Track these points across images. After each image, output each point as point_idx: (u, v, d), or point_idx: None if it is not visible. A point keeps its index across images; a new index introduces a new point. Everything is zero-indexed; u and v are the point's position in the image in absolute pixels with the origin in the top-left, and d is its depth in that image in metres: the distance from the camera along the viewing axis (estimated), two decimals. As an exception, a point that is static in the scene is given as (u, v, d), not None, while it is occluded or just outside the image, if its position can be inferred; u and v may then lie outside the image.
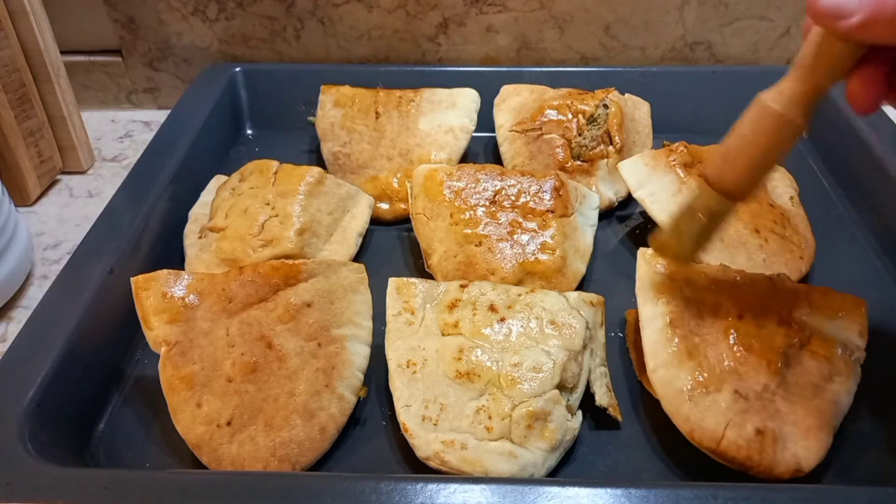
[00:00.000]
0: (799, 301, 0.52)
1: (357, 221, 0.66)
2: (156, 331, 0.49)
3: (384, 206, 0.70)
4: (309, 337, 0.51)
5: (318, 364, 0.50)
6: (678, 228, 0.48)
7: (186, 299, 0.51)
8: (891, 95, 0.38)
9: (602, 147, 0.71)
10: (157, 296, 0.50)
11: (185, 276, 0.52)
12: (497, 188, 0.63)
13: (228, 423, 0.47)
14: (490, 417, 0.46)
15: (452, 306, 0.52)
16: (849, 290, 0.54)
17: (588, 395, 0.50)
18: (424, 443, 0.46)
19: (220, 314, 0.51)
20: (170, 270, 0.52)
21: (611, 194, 0.71)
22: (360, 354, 0.52)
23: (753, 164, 0.42)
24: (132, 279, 0.51)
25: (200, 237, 0.63)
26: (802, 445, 0.45)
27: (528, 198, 0.63)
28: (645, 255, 0.53)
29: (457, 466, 0.45)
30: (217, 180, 0.71)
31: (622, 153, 0.71)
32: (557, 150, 0.71)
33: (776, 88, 0.40)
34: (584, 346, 0.50)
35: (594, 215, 0.65)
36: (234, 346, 0.49)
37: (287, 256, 0.59)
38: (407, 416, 0.47)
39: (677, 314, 0.49)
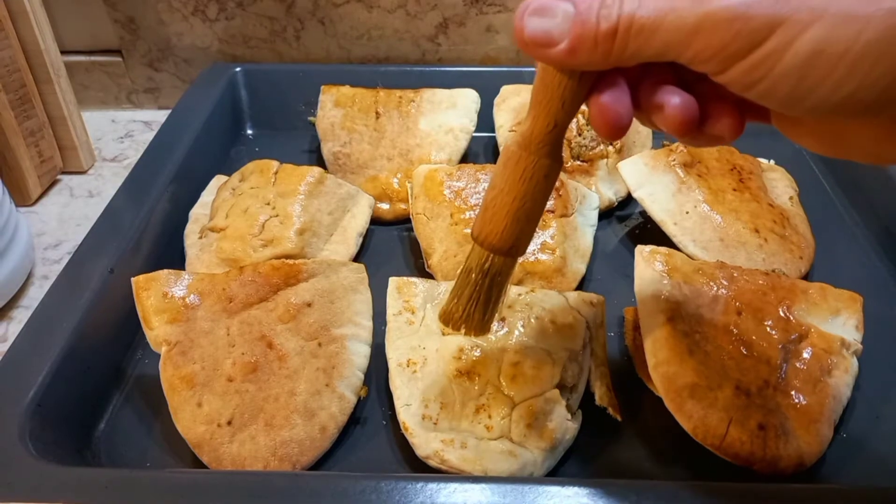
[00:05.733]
0: (796, 296, 0.53)
1: (357, 221, 0.66)
2: (156, 330, 0.49)
3: (384, 206, 0.70)
4: (309, 336, 0.51)
5: (318, 363, 0.50)
6: (459, 295, 0.42)
7: (187, 299, 0.51)
8: (640, 115, 0.34)
9: (602, 147, 0.71)
10: (157, 296, 0.51)
11: (186, 276, 0.52)
12: (497, 188, 0.63)
13: (229, 423, 0.47)
14: (490, 416, 0.46)
15: (452, 306, 0.52)
16: (848, 289, 0.54)
17: (588, 395, 0.50)
18: (424, 441, 0.46)
19: (220, 314, 0.51)
20: (170, 270, 0.52)
21: (610, 194, 0.71)
22: (360, 354, 0.52)
23: (513, 214, 0.37)
24: (133, 279, 0.51)
25: (201, 237, 0.63)
26: (804, 440, 0.46)
27: (528, 198, 0.63)
28: (643, 253, 0.53)
29: (456, 465, 0.45)
30: (217, 180, 0.71)
31: (622, 153, 0.71)
32: (557, 150, 0.71)
33: (518, 130, 0.36)
34: (584, 346, 0.50)
35: (594, 215, 0.66)
36: (235, 345, 0.50)
37: (287, 256, 0.59)
38: (407, 415, 0.47)
39: (677, 311, 0.49)
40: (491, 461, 0.45)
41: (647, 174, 0.65)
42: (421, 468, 0.47)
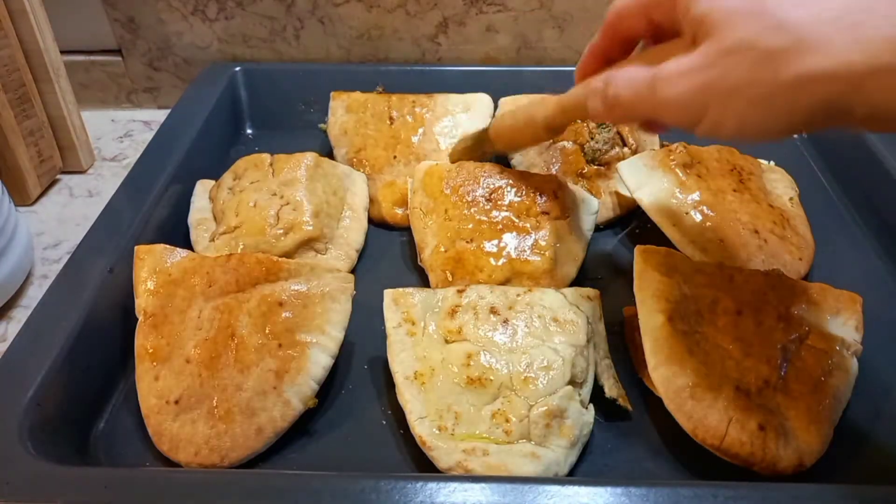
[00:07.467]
0: (796, 297, 0.52)
1: (360, 197, 0.68)
2: (140, 299, 0.52)
3: (400, 211, 0.70)
4: (273, 336, 0.50)
5: (272, 364, 0.49)
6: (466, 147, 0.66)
7: (172, 275, 0.53)
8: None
9: (617, 149, 0.71)
10: (149, 267, 0.53)
11: (179, 253, 0.54)
12: (495, 186, 0.63)
13: (177, 402, 0.48)
14: (507, 420, 0.46)
15: (453, 313, 0.51)
16: (849, 289, 0.54)
17: (594, 390, 0.50)
18: (445, 454, 0.45)
19: (198, 296, 0.52)
20: (167, 246, 0.54)
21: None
22: (319, 364, 0.50)
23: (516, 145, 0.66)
24: (136, 246, 0.54)
25: (212, 241, 0.62)
26: (804, 440, 0.46)
27: (525, 198, 0.62)
28: (642, 253, 0.53)
29: (481, 474, 0.44)
30: (203, 185, 0.70)
31: (637, 153, 0.71)
32: (571, 156, 0.70)
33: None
34: (588, 340, 0.50)
35: (590, 220, 0.64)
36: (202, 329, 0.50)
37: (310, 239, 0.61)
38: (422, 429, 0.46)
39: (676, 311, 0.49)
40: (515, 465, 0.44)
41: (647, 175, 0.65)
42: (421, 468, 0.47)
